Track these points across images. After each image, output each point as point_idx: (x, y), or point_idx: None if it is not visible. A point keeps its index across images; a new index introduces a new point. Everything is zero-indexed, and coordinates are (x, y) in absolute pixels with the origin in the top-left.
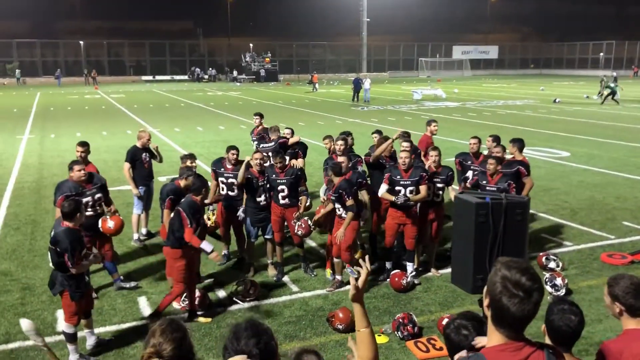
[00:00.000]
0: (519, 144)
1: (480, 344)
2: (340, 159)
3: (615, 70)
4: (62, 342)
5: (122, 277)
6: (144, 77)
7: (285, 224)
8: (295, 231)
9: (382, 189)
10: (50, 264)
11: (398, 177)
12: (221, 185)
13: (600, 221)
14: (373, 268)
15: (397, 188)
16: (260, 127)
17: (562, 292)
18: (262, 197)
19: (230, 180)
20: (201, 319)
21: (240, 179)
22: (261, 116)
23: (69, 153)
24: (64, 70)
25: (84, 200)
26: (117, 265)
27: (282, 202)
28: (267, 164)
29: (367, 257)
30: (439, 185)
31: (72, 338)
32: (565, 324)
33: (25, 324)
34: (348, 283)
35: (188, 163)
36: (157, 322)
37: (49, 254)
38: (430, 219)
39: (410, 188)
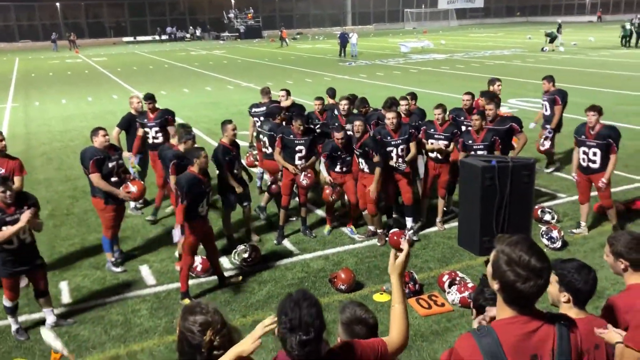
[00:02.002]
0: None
1: (491, 314)
2: (337, 134)
3: (603, 15)
4: (68, 313)
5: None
6: (125, 39)
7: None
8: (301, 180)
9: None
10: None
11: (388, 137)
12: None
13: None
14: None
15: (388, 149)
16: (157, 112)
17: (558, 244)
18: (237, 170)
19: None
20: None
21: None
22: (153, 99)
23: (55, 121)
24: (41, 34)
25: (110, 165)
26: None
27: (297, 162)
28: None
29: (406, 238)
30: (444, 142)
31: (8, 311)
32: (589, 283)
33: (45, 334)
34: (375, 234)
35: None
36: (185, 310)
37: None
38: (436, 174)
39: (402, 147)
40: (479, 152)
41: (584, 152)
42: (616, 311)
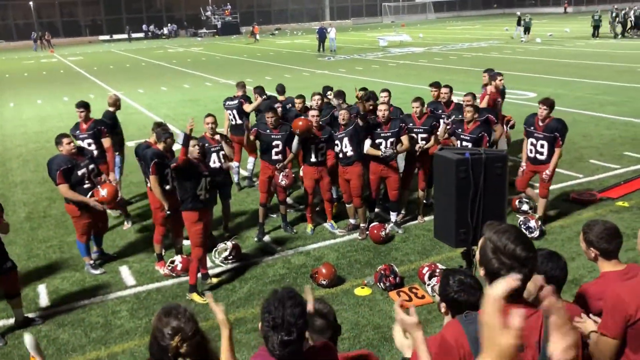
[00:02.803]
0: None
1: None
2: (312, 112)
3: (575, 6)
4: (47, 316)
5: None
6: (101, 37)
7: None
8: (280, 181)
9: (367, 145)
10: None
11: (378, 129)
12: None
13: (568, 161)
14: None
15: (377, 141)
16: (89, 122)
17: (536, 234)
18: (217, 163)
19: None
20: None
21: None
22: (86, 107)
23: (31, 122)
24: (14, 34)
25: (79, 173)
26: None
27: (274, 157)
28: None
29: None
30: (423, 135)
31: None
32: (562, 269)
33: (28, 340)
34: (357, 227)
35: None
36: (161, 311)
37: None
38: (416, 167)
39: (391, 139)
40: (464, 143)
41: (532, 144)
42: (589, 298)
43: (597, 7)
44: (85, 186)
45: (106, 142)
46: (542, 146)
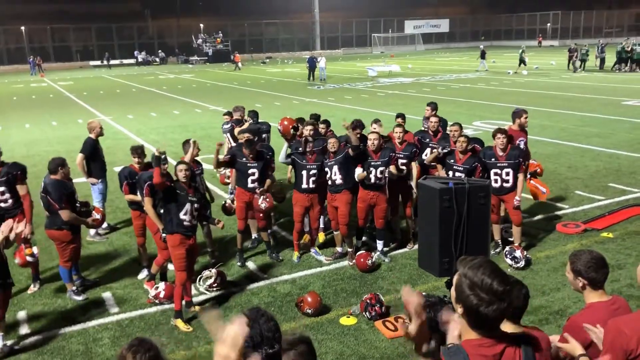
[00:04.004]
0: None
1: (450, 319)
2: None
3: (561, 39)
4: (26, 344)
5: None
6: (92, 62)
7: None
8: (259, 203)
9: (358, 172)
10: None
11: (369, 158)
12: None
13: (554, 192)
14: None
15: (368, 169)
16: (1, 167)
17: (522, 263)
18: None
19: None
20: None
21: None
22: None
23: (18, 146)
24: (5, 58)
25: (75, 197)
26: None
27: (250, 185)
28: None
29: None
30: (403, 161)
31: None
32: (521, 299)
33: None
34: (345, 254)
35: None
36: (126, 345)
37: None
38: (398, 195)
39: (381, 168)
40: (457, 174)
41: (496, 174)
42: (577, 329)
43: (583, 40)
44: (76, 210)
45: (22, 189)
46: (507, 174)
